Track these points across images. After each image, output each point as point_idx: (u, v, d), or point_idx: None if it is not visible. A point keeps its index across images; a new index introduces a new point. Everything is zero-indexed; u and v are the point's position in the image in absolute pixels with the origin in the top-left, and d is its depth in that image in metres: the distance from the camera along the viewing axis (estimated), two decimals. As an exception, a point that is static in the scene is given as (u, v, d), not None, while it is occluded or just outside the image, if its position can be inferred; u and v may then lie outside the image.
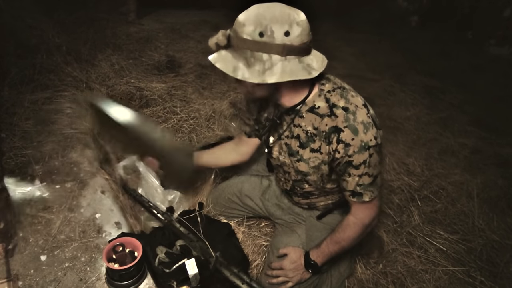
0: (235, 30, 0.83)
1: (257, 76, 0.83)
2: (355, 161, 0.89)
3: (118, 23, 3.35)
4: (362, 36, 4.83)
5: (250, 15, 0.82)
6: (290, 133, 1.02)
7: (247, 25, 0.81)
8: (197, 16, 4.25)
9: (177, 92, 2.28)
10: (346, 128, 0.87)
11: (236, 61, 0.84)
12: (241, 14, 0.83)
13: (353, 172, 0.92)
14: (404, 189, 1.81)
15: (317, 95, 0.94)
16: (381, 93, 3.05)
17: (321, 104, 0.93)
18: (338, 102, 0.90)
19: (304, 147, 0.99)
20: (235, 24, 0.84)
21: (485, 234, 1.58)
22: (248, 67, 0.83)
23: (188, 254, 1.12)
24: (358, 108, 0.89)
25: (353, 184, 0.93)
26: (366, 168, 0.90)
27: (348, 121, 0.87)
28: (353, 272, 1.32)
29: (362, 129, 0.87)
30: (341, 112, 0.88)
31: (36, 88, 1.78)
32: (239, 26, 0.82)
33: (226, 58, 0.86)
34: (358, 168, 0.90)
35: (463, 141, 2.41)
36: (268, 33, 0.80)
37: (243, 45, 0.82)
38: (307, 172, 1.02)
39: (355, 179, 0.92)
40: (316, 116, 0.93)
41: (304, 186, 1.10)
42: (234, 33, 0.84)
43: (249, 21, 0.81)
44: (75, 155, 1.36)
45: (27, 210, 1.09)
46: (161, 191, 1.42)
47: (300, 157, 1.01)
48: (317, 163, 0.98)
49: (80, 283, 0.89)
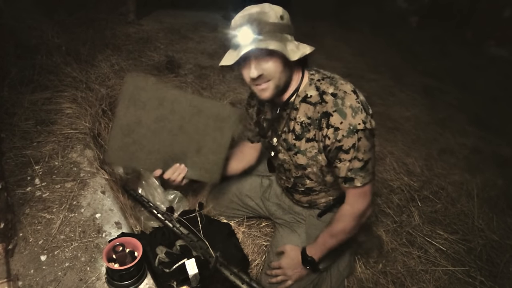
0: (259, 19, 0.85)
1: (295, 53, 0.87)
2: (344, 145, 0.90)
3: (117, 24, 3.35)
4: (362, 36, 4.84)
5: (262, 5, 0.87)
6: (287, 128, 1.03)
7: (268, 12, 0.85)
8: (197, 17, 4.25)
9: (177, 93, 2.28)
10: (335, 112, 0.89)
11: (275, 41, 0.85)
12: (246, 10, 0.87)
13: (344, 157, 0.92)
14: (404, 189, 1.81)
15: (307, 85, 0.97)
16: (380, 93, 3.06)
17: (312, 92, 0.95)
18: (328, 89, 0.93)
19: (300, 139, 1.00)
20: (253, 16, 0.85)
21: (485, 234, 1.59)
22: (285, 45, 0.86)
23: (188, 254, 1.12)
24: (346, 94, 0.91)
25: (344, 169, 0.94)
26: (356, 152, 0.91)
27: (336, 105, 0.90)
28: (353, 272, 1.32)
29: (350, 113, 0.88)
30: (330, 98, 0.91)
31: (36, 88, 1.78)
32: (262, 14, 0.85)
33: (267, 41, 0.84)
34: (347, 152, 0.91)
35: (463, 141, 2.42)
36: (284, 15, 0.89)
37: (273, 29, 0.85)
38: (305, 164, 1.03)
39: (346, 164, 0.93)
40: (309, 106, 0.96)
41: (306, 182, 1.10)
42: (258, 23, 0.85)
43: (266, 8, 0.86)
44: (75, 155, 1.36)
45: (27, 210, 1.09)
46: (161, 191, 1.42)
47: (298, 150, 1.02)
48: (314, 153, 0.99)
49: (80, 283, 0.89)
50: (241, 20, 0.87)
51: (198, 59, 3.01)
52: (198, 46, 3.33)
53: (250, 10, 0.87)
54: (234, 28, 0.88)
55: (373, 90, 3.06)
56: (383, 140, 2.27)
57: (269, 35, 0.85)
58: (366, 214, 1.04)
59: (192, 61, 2.92)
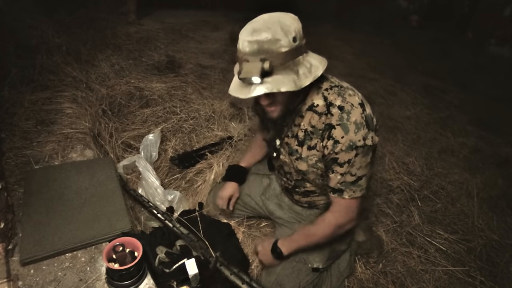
0: (270, 50, 0.78)
1: (307, 77, 0.84)
2: (340, 158, 0.91)
3: (118, 23, 3.35)
4: (363, 36, 4.83)
5: (274, 30, 0.78)
6: (291, 133, 1.04)
7: (281, 40, 0.78)
8: (197, 16, 4.25)
9: (177, 92, 2.28)
10: (338, 126, 0.89)
11: (289, 76, 0.82)
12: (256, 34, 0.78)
13: (337, 170, 0.93)
14: (404, 188, 1.81)
15: (315, 93, 0.96)
16: (381, 93, 3.05)
17: (319, 102, 0.94)
18: (335, 100, 0.92)
19: (302, 145, 1.00)
20: (264, 46, 0.78)
21: (485, 234, 1.58)
22: (297, 74, 0.83)
23: (188, 254, 1.12)
24: (353, 107, 0.90)
25: (335, 181, 0.95)
26: (350, 167, 0.91)
27: (341, 119, 0.89)
28: (353, 272, 1.32)
29: (353, 129, 0.88)
30: (337, 111, 0.90)
31: (36, 88, 1.78)
32: (272, 44, 0.78)
33: (279, 81, 0.80)
34: (341, 166, 0.92)
35: (463, 141, 2.42)
36: (298, 35, 0.82)
37: (284, 59, 0.80)
38: (305, 171, 1.03)
39: (337, 176, 0.94)
40: (314, 114, 0.95)
41: (306, 185, 1.11)
42: (269, 55, 0.79)
43: (279, 34, 0.78)
44: (75, 155, 1.36)
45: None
46: (161, 191, 1.42)
47: (299, 156, 1.02)
48: (314, 161, 0.99)
49: (80, 283, 0.89)
50: (250, 47, 0.79)
51: (199, 58, 3.01)
52: (199, 45, 3.33)
53: (259, 35, 0.78)
54: (242, 54, 0.82)
55: (374, 90, 3.06)
56: (383, 139, 2.27)
57: (281, 69, 0.81)
58: (345, 227, 1.04)
59: (192, 60, 2.92)
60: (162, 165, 1.68)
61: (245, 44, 0.80)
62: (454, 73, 3.81)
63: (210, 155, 1.73)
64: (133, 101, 2.07)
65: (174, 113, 2.05)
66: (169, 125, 1.93)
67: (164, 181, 1.61)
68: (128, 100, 2.06)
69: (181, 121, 2.00)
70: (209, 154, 1.73)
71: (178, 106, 2.11)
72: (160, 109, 2.05)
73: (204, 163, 1.69)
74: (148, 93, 2.17)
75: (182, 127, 1.96)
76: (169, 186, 1.60)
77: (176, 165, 1.70)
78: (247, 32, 0.81)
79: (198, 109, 2.13)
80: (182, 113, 2.05)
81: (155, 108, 2.05)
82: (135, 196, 1.38)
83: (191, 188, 1.58)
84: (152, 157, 1.65)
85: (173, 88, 2.32)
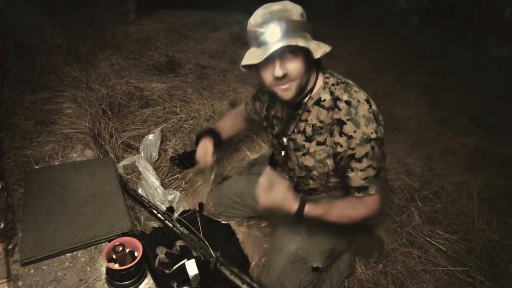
0: (283, 16, 0.83)
1: (317, 51, 0.85)
2: (357, 153, 0.90)
3: (118, 24, 3.35)
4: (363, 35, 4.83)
5: (284, 3, 0.85)
6: (297, 129, 1.03)
7: (290, 9, 0.84)
8: (197, 16, 4.25)
9: (177, 92, 2.28)
10: (348, 121, 0.90)
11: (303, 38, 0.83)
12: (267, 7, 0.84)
13: (356, 166, 0.92)
14: (404, 189, 1.80)
15: (322, 88, 0.96)
16: (381, 93, 3.05)
17: (326, 96, 0.95)
18: (342, 95, 0.92)
19: (311, 141, 1.00)
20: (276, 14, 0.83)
21: (485, 234, 1.58)
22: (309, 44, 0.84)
23: (188, 255, 1.12)
24: (360, 103, 0.91)
25: (357, 179, 0.94)
26: (369, 160, 0.91)
27: (350, 114, 0.90)
28: (353, 272, 1.32)
29: (364, 122, 0.89)
30: (344, 106, 0.91)
31: (36, 88, 1.78)
32: (285, 12, 0.83)
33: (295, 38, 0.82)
34: (360, 161, 0.91)
35: (464, 141, 2.41)
36: (304, 14, 0.88)
37: (297, 26, 0.84)
38: (312, 166, 1.03)
39: (358, 173, 0.93)
40: (322, 109, 0.95)
41: (309, 182, 1.10)
42: (283, 20, 0.82)
43: (288, 6, 0.84)
44: (75, 155, 1.36)
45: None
46: (161, 191, 1.42)
47: (307, 151, 1.02)
48: (323, 156, 0.99)
49: (80, 283, 0.89)
50: (263, 17, 0.84)
51: (198, 58, 3.01)
52: (199, 45, 3.33)
53: (271, 8, 0.84)
54: (256, 26, 0.85)
55: (374, 90, 3.05)
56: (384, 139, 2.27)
57: (295, 33, 0.83)
58: (373, 218, 1.01)
59: (192, 60, 2.92)
60: (162, 165, 1.68)
61: (257, 16, 0.85)
62: (454, 72, 3.81)
63: (210, 155, 1.73)
64: (133, 101, 2.07)
65: (174, 113, 2.05)
66: (169, 125, 1.93)
67: (164, 181, 1.61)
68: (128, 100, 2.06)
69: (181, 121, 2.00)
70: (209, 154, 1.73)
71: (178, 106, 2.11)
72: (160, 109, 2.05)
73: (204, 163, 1.69)
74: (148, 93, 2.17)
75: (182, 127, 1.96)
76: (169, 186, 1.60)
77: (176, 165, 1.70)
78: (259, 10, 0.86)
79: (198, 109, 2.13)
80: (182, 113, 2.05)
81: (155, 108, 2.05)
82: (135, 196, 1.38)
83: (191, 188, 1.58)
84: (152, 157, 1.65)
85: (173, 88, 2.32)
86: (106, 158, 1.39)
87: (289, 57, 0.85)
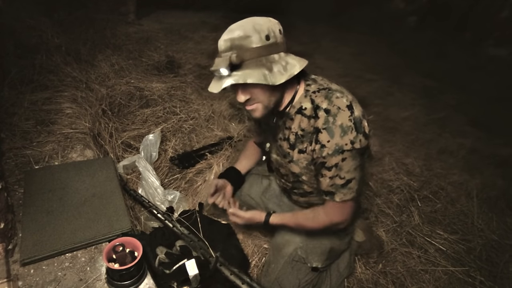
0: (241, 45, 0.83)
1: (282, 75, 0.85)
2: (327, 162, 0.91)
3: (117, 24, 3.35)
4: (360, 37, 4.85)
5: (246, 28, 0.84)
6: (283, 136, 1.04)
7: (251, 36, 0.83)
8: (196, 17, 4.25)
9: (177, 93, 2.28)
10: (324, 130, 0.89)
11: (259, 70, 0.83)
12: (230, 32, 0.85)
13: (325, 173, 0.94)
14: (403, 189, 1.81)
15: (303, 96, 0.96)
16: (379, 94, 3.06)
17: (307, 105, 0.95)
18: (322, 103, 0.91)
19: (293, 149, 1.01)
20: (235, 42, 0.83)
21: (484, 234, 1.59)
22: (270, 71, 0.84)
23: (188, 255, 1.12)
24: (340, 110, 0.89)
25: (325, 184, 0.96)
26: (338, 170, 0.91)
27: (327, 123, 0.89)
28: (353, 272, 1.32)
29: (339, 132, 0.88)
30: (322, 114, 0.90)
31: (36, 88, 1.78)
32: (243, 40, 0.83)
33: (247, 73, 0.83)
34: (329, 169, 0.92)
35: (461, 141, 2.42)
36: (271, 34, 0.85)
37: (256, 54, 0.84)
38: (299, 173, 1.04)
39: (326, 180, 0.95)
40: (304, 118, 0.95)
41: (303, 186, 1.11)
42: (239, 50, 0.83)
43: (250, 31, 0.83)
44: (75, 155, 1.36)
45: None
46: (161, 191, 1.42)
47: (291, 159, 1.03)
48: (305, 164, 1.00)
49: (80, 283, 0.89)
50: (224, 45, 0.85)
51: (198, 59, 3.01)
52: (198, 46, 3.34)
53: (233, 34, 0.84)
54: (218, 53, 0.87)
55: (371, 91, 3.07)
56: (382, 140, 2.28)
57: (252, 63, 0.83)
58: (338, 226, 1.04)
59: (192, 61, 2.92)
60: (162, 165, 1.68)
61: (221, 43, 0.87)
62: (451, 73, 3.83)
63: (210, 155, 1.73)
64: (133, 101, 2.07)
65: (174, 113, 2.05)
66: (169, 125, 1.93)
67: (164, 181, 1.61)
68: (128, 100, 2.06)
69: (181, 121, 2.00)
70: (209, 154, 1.73)
71: (178, 106, 2.11)
72: (160, 109, 2.05)
73: (204, 163, 1.69)
74: (148, 93, 2.17)
75: (182, 127, 1.96)
76: (169, 186, 1.60)
77: (176, 165, 1.70)
78: (224, 33, 0.87)
79: (197, 109, 2.13)
80: (182, 113, 2.05)
81: (155, 108, 2.05)
82: (135, 196, 1.38)
83: (191, 188, 1.58)
84: (152, 157, 1.65)
85: (172, 88, 2.32)
86: (106, 158, 1.39)
87: (249, 85, 0.86)
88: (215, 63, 0.85)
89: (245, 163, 1.40)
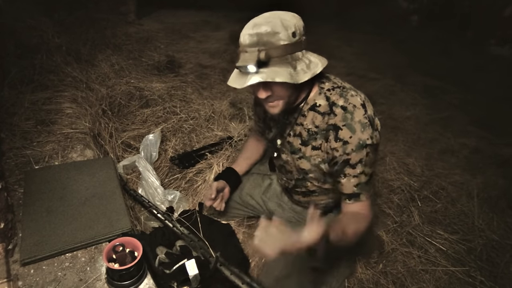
0: (269, 42, 0.81)
1: (306, 73, 0.85)
2: (352, 159, 0.90)
3: (118, 24, 3.35)
4: (363, 36, 4.83)
5: (274, 24, 0.81)
6: (293, 132, 1.04)
7: (279, 32, 0.81)
8: (198, 16, 4.25)
9: (177, 92, 2.28)
10: (344, 127, 0.89)
11: (285, 68, 0.82)
12: (256, 27, 0.81)
13: (349, 172, 0.92)
14: (404, 189, 1.80)
15: (317, 93, 0.96)
16: (381, 93, 3.05)
17: (321, 102, 0.95)
18: (338, 101, 0.92)
19: (306, 145, 1.00)
20: (263, 38, 0.80)
21: (485, 234, 1.58)
22: (295, 69, 0.84)
23: (188, 255, 1.12)
24: (356, 108, 0.90)
25: (350, 186, 0.94)
26: (363, 166, 0.91)
27: (346, 120, 0.89)
28: (353, 272, 1.32)
29: (359, 128, 0.88)
30: (340, 111, 0.90)
31: (36, 88, 1.78)
32: (271, 36, 0.80)
33: (275, 71, 0.81)
34: (354, 167, 0.91)
35: (464, 141, 2.41)
36: (297, 31, 0.84)
37: (283, 52, 0.82)
38: (308, 170, 1.03)
39: (350, 180, 0.93)
40: (317, 114, 0.95)
41: (307, 184, 1.11)
42: (267, 46, 0.81)
43: (278, 28, 0.81)
44: (75, 155, 1.36)
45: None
46: (161, 191, 1.42)
47: (302, 155, 1.02)
48: (318, 161, 0.99)
49: (80, 283, 0.89)
50: (250, 39, 0.82)
51: (199, 58, 3.01)
52: (199, 45, 3.33)
53: (259, 28, 0.81)
54: (242, 47, 0.84)
55: (374, 90, 3.06)
56: (383, 139, 2.27)
57: (278, 61, 0.82)
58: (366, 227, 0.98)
59: (193, 60, 2.92)
60: (162, 165, 1.68)
61: (245, 37, 0.83)
62: (454, 73, 3.81)
63: (210, 155, 1.73)
64: (133, 101, 2.07)
65: (174, 113, 2.05)
66: (169, 125, 1.93)
67: (164, 181, 1.61)
68: (128, 100, 2.06)
69: (181, 121, 2.00)
70: (209, 154, 1.73)
71: (178, 106, 2.11)
72: (160, 109, 2.05)
73: (204, 163, 1.69)
74: (148, 93, 2.17)
75: (182, 127, 1.96)
76: (169, 186, 1.60)
77: (176, 165, 1.70)
78: (249, 27, 0.84)
79: (198, 109, 2.13)
80: (182, 113, 2.05)
81: (155, 108, 2.05)
82: (135, 196, 1.38)
83: (191, 188, 1.58)
84: (152, 157, 1.65)
85: (173, 88, 2.32)
86: (106, 158, 1.39)
87: (272, 82, 0.84)
88: (242, 59, 0.83)
89: (243, 164, 1.39)
